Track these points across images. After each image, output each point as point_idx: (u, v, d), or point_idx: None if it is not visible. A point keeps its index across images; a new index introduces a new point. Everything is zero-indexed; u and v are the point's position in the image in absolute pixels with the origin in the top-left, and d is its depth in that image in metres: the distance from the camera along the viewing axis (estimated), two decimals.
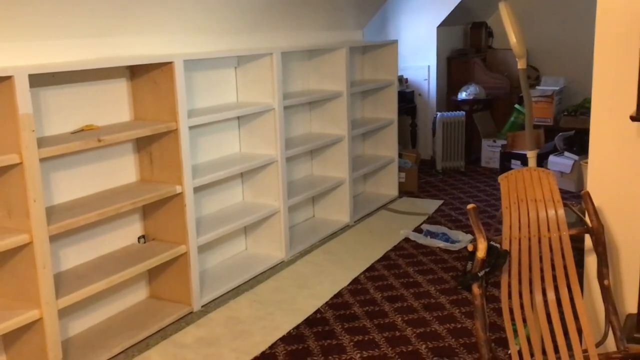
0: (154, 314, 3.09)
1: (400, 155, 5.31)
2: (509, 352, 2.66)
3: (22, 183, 2.37)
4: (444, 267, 3.71)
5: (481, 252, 1.85)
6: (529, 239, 2.03)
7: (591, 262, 2.31)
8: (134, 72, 3.06)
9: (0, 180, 2.43)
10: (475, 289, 1.88)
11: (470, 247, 1.89)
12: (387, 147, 5.14)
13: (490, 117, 6.45)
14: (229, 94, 3.77)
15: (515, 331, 1.97)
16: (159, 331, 2.98)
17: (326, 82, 4.43)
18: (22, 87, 2.31)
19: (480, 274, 1.86)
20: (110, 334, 2.91)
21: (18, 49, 2.57)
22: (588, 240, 2.28)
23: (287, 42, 4.22)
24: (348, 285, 3.49)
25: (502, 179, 2.12)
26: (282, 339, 2.90)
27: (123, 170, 3.11)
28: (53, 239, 2.65)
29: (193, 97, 3.47)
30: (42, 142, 2.53)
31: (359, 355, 2.75)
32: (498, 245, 1.95)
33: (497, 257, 1.90)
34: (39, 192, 2.40)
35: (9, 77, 2.29)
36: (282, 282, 3.56)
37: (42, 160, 2.47)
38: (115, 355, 2.77)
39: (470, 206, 1.98)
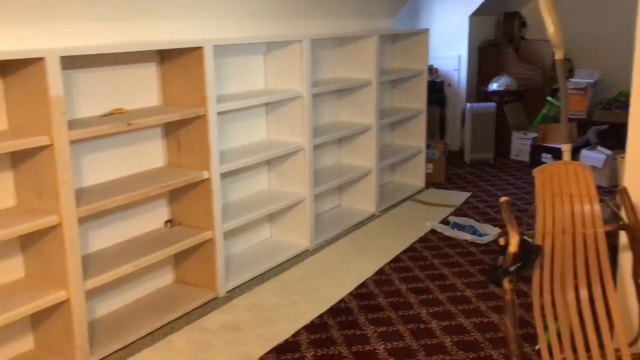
0: (179, 298, 3.11)
1: (428, 146, 5.25)
2: (536, 347, 2.62)
3: (52, 165, 2.39)
4: (471, 261, 3.66)
5: (513, 247, 1.81)
6: (563, 235, 1.97)
7: (626, 259, 2.24)
8: (164, 56, 3.05)
9: (31, 162, 2.45)
10: (506, 284, 1.84)
11: (501, 241, 1.85)
12: (415, 137, 5.08)
13: (522, 109, 6.34)
14: (258, 81, 3.76)
15: (545, 327, 1.93)
16: (184, 315, 2.99)
17: (355, 71, 4.38)
18: (53, 68, 2.32)
19: (512, 268, 1.82)
20: (136, 316, 2.93)
21: (50, 31, 2.58)
22: (623, 237, 2.22)
23: (317, 29, 4.18)
24: (373, 275, 3.46)
25: (536, 172, 2.07)
26: (306, 328, 2.90)
27: (151, 154, 3.12)
28: (82, 221, 2.67)
29: (222, 83, 3.46)
30: (72, 124, 2.55)
31: (382, 346, 2.73)
32: (531, 240, 1.91)
33: (529, 252, 1.85)
34: (68, 174, 2.42)
35: (40, 59, 2.30)
36: (307, 270, 3.55)
37: (72, 142, 2.48)
38: (142, 337, 2.79)
39: (502, 199, 1.94)
